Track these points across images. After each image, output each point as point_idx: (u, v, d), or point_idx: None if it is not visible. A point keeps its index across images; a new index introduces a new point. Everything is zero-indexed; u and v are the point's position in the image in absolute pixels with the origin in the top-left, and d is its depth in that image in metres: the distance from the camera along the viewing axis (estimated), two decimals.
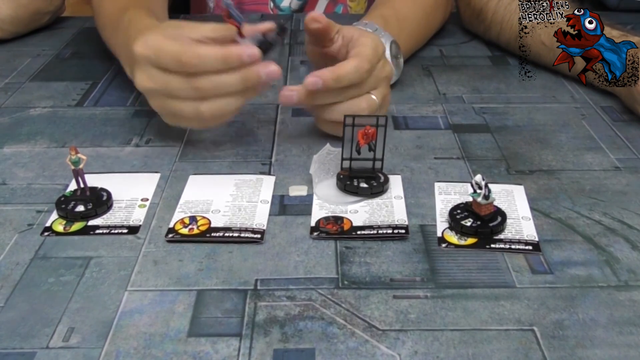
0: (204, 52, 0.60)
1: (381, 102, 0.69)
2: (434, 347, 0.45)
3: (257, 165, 0.68)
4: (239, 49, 0.61)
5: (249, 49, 0.61)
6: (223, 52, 0.61)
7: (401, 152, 0.70)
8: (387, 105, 0.72)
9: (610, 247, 0.55)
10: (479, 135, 0.74)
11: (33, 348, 0.46)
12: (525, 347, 0.45)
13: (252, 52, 0.61)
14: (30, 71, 0.91)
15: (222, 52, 0.61)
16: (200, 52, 0.60)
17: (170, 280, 0.52)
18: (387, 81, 0.71)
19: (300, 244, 0.56)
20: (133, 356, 0.45)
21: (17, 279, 0.52)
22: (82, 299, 0.50)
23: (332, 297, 0.50)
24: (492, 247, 0.55)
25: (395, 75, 0.81)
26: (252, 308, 0.49)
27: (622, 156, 0.69)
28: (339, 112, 0.65)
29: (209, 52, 0.60)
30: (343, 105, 0.66)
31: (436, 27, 0.98)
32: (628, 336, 0.47)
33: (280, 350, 0.45)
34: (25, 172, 0.67)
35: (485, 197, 0.56)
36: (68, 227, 0.58)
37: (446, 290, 0.51)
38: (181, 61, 0.60)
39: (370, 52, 0.67)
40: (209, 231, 0.57)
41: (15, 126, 0.76)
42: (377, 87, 0.69)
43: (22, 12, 1.00)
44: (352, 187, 0.61)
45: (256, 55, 0.61)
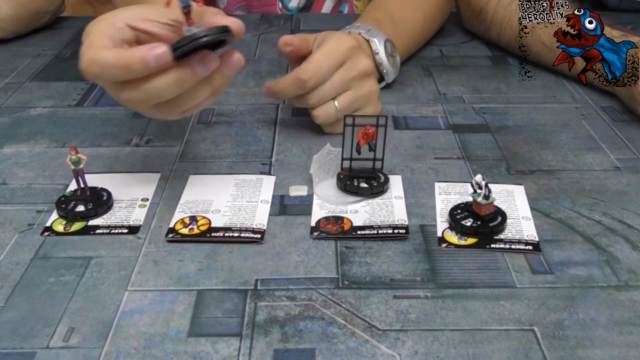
0: (103, 58, 0.51)
1: (357, 99, 0.70)
2: (434, 347, 0.45)
3: (257, 165, 0.68)
4: (142, 51, 0.50)
5: (155, 49, 0.49)
6: (124, 59, 0.50)
7: (401, 152, 0.70)
8: (374, 100, 0.72)
9: (610, 247, 0.55)
10: (479, 135, 0.74)
11: (33, 348, 0.46)
12: (525, 347, 0.45)
13: (158, 53, 0.49)
14: (30, 71, 0.91)
15: (123, 58, 0.50)
16: (99, 57, 0.51)
17: (171, 280, 0.52)
18: (363, 76, 0.71)
19: (301, 244, 0.56)
20: (133, 356, 0.45)
21: (17, 279, 0.52)
22: (82, 299, 0.50)
23: (332, 297, 0.50)
24: (492, 247, 0.55)
25: (393, 73, 0.82)
26: (252, 308, 0.49)
27: (622, 156, 0.69)
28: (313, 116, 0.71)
29: (108, 58, 0.50)
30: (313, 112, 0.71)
31: (436, 28, 0.98)
32: (628, 336, 0.47)
33: (280, 350, 0.45)
34: (26, 172, 0.67)
35: (486, 197, 0.56)
36: (68, 227, 0.58)
37: (446, 290, 0.51)
38: (86, 71, 0.52)
39: (321, 57, 0.69)
40: (209, 231, 0.57)
41: (15, 126, 0.76)
42: (350, 87, 0.70)
43: (22, 11, 1.00)
44: (352, 187, 0.61)
45: (165, 57, 0.49)
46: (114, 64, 0.50)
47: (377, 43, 0.78)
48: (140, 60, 0.49)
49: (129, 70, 0.50)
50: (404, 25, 0.87)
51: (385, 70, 0.80)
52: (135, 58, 0.49)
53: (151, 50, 0.49)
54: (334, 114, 0.70)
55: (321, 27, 1.02)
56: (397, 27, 0.84)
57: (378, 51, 0.78)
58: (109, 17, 0.54)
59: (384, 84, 0.82)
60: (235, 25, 0.52)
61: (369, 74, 0.72)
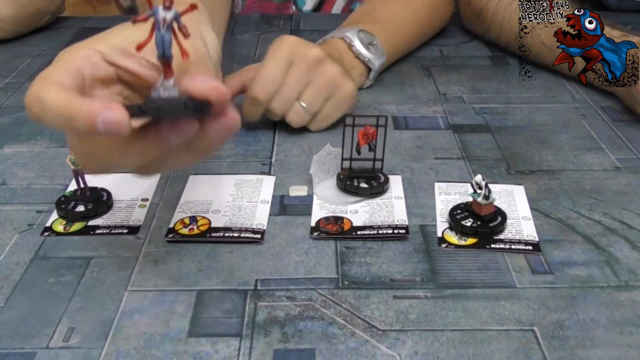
0: (47, 98, 0.37)
1: (321, 89, 0.70)
2: (434, 347, 0.45)
3: (257, 165, 0.68)
4: (92, 107, 0.36)
5: (107, 111, 0.36)
6: (69, 109, 0.37)
7: (401, 152, 0.70)
8: (341, 81, 0.71)
9: (610, 247, 0.55)
10: (479, 136, 0.74)
11: (33, 348, 0.46)
12: (525, 348, 0.45)
13: (109, 118, 0.36)
14: (31, 71, 0.91)
15: (68, 107, 0.37)
16: (42, 95, 0.38)
17: (171, 281, 0.52)
18: (317, 64, 0.70)
19: (301, 244, 0.56)
20: (133, 356, 0.45)
21: (17, 279, 0.52)
22: (82, 299, 0.50)
23: (332, 297, 0.50)
24: (492, 247, 0.55)
25: (376, 59, 0.81)
26: (252, 308, 0.49)
27: (622, 156, 0.69)
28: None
29: (52, 101, 0.37)
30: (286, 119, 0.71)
31: (433, 26, 0.97)
32: (628, 336, 0.47)
33: (280, 350, 0.45)
34: (25, 172, 0.67)
35: (486, 197, 0.56)
36: (68, 227, 0.58)
37: (446, 291, 0.51)
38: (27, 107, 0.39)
39: (264, 67, 0.68)
40: (209, 231, 0.57)
41: (15, 126, 0.76)
42: (310, 80, 0.69)
43: (22, 11, 1.00)
44: (352, 187, 0.61)
45: (119, 126, 0.36)
46: (56, 110, 0.37)
47: (349, 36, 0.79)
48: (85, 117, 0.36)
49: (72, 126, 0.37)
50: (390, 24, 0.87)
51: (367, 59, 0.80)
52: (81, 112, 0.36)
53: (103, 110, 0.36)
54: (303, 113, 0.70)
55: (321, 27, 1.02)
56: (382, 25, 0.84)
57: (353, 43, 0.79)
58: (86, 46, 0.42)
59: (374, 74, 0.82)
60: (218, 96, 0.39)
61: (321, 59, 0.70)
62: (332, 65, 0.71)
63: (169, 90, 0.39)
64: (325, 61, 0.71)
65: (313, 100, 0.70)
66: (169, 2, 0.38)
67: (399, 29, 0.88)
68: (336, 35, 0.80)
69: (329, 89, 0.70)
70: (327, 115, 0.72)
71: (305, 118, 0.71)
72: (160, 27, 0.38)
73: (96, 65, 0.42)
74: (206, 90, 0.38)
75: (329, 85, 0.70)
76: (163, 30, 0.38)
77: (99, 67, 0.42)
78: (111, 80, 0.43)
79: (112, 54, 0.42)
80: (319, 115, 0.72)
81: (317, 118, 0.72)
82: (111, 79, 0.43)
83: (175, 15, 0.38)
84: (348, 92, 0.72)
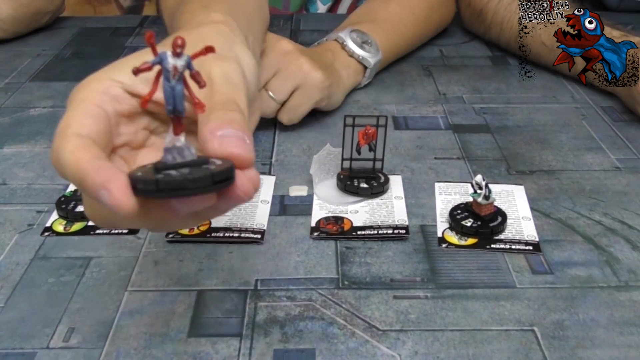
0: (64, 159, 0.34)
1: (287, 78, 0.69)
2: (434, 348, 0.45)
3: (257, 165, 0.67)
4: (100, 175, 0.32)
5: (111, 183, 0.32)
6: (80, 172, 0.33)
7: (401, 152, 0.70)
8: (308, 70, 0.70)
9: (610, 248, 0.55)
10: (479, 136, 0.74)
11: (33, 348, 0.46)
12: (525, 348, 0.45)
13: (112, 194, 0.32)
14: (30, 71, 0.91)
15: (79, 170, 0.33)
16: (59, 154, 0.35)
17: (171, 281, 0.52)
18: (283, 56, 0.70)
19: (301, 244, 0.56)
20: (133, 356, 0.45)
21: (17, 279, 0.52)
22: (83, 299, 0.50)
23: (332, 297, 0.50)
24: (492, 248, 0.55)
25: (372, 57, 0.81)
26: (252, 308, 0.49)
27: (622, 156, 0.69)
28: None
29: (68, 162, 0.34)
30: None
31: (432, 27, 0.97)
32: (628, 336, 0.47)
33: (280, 350, 0.45)
34: (26, 172, 0.67)
35: (486, 198, 0.56)
36: (68, 227, 0.58)
37: (446, 291, 0.51)
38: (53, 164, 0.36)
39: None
40: (209, 231, 0.57)
41: (15, 126, 0.76)
42: (277, 70, 0.69)
43: (22, 12, 1.00)
44: (353, 187, 0.61)
45: (122, 207, 0.32)
46: (71, 172, 0.34)
47: (342, 37, 0.80)
48: (92, 183, 0.32)
49: (83, 189, 0.34)
50: (388, 24, 0.87)
51: (361, 57, 0.80)
52: (88, 176, 0.33)
53: (107, 182, 0.32)
54: (271, 101, 0.70)
55: (321, 27, 1.02)
56: (379, 26, 0.85)
57: (345, 42, 0.79)
58: (102, 78, 0.38)
59: (370, 72, 0.82)
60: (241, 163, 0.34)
61: (289, 51, 0.71)
62: (300, 56, 0.71)
63: (182, 152, 0.33)
64: (294, 53, 0.71)
65: (278, 88, 0.70)
66: (180, 48, 0.32)
67: (396, 29, 0.88)
68: (329, 37, 0.81)
69: (296, 79, 0.70)
70: (296, 106, 0.72)
71: (272, 106, 0.71)
72: (170, 77, 0.33)
73: (117, 98, 0.37)
74: (229, 154, 0.33)
75: (295, 74, 0.70)
76: (173, 81, 0.33)
77: (120, 101, 0.37)
78: (136, 113, 0.38)
79: (133, 84, 0.37)
80: (287, 105, 0.72)
81: (286, 108, 0.72)
82: (136, 112, 0.38)
83: (188, 61, 0.33)
84: (316, 82, 0.71)
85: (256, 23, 0.62)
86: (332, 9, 1.15)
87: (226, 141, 0.34)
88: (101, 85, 0.37)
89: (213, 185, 0.32)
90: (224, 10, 0.50)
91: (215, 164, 0.33)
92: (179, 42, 0.32)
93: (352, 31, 0.81)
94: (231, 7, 0.52)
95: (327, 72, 0.73)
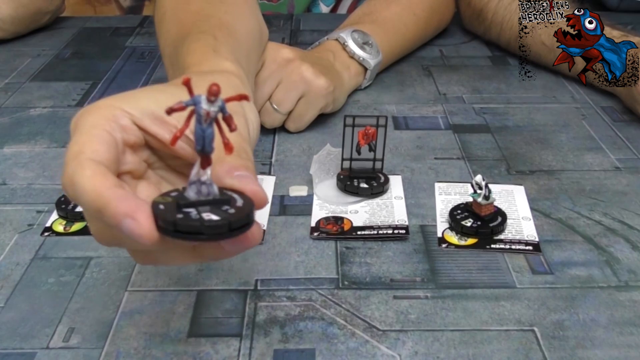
0: (81, 184, 0.34)
1: (290, 87, 0.69)
2: (434, 348, 0.45)
3: (257, 165, 0.67)
4: (120, 207, 0.33)
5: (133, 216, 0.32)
6: (100, 200, 0.33)
7: (401, 153, 0.70)
8: (311, 78, 0.70)
9: (610, 248, 0.55)
10: (479, 136, 0.74)
11: (33, 348, 0.46)
12: (525, 348, 0.45)
13: (134, 228, 0.32)
14: (30, 71, 0.91)
15: (99, 198, 0.33)
16: (76, 180, 0.34)
17: (171, 281, 0.52)
18: (285, 65, 0.69)
19: (301, 244, 0.56)
20: (133, 356, 0.45)
21: (17, 279, 0.52)
22: (82, 299, 0.50)
23: (332, 297, 0.50)
24: (492, 248, 0.55)
25: (372, 58, 0.81)
26: (252, 308, 0.49)
27: (622, 156, 0.69)
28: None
29: (86, 188, 0.34)
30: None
31: (433, 27, 0.97)
32: (628, 336, 0.47)
33: (280, 350, 0.45)
34: (26, 172, 0.67)
35: (486, 198, 0.56)
36: (68, 227, 0.58)
37: (446, 291, 0.51)
38: (64, 188, 0.36)
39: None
40: None
41: (15, 126, 0.76)
42: (280, 80, 0.69)
43: (22, 12, 1.00)
44: (352, 188, 0.61)
45: (146, 239, 0.32)
46: (89, 200, 0.34)
47: (343, 37, 0.79)
48: (114, 212, 0.33)
49: (103, 220, 0.34)
50: (388, 24, 0.87)
51: (362, 58, 0.80)
52: (110, 204, 0.33)
53: (133, 212, 0.32)
54: (274, 113, 0.70)
55: (321, 27, 1.02)
56: (379, 26, 0.85)
57: (346, 43, 0.79)
58: (113, 105, 0.38)
59: (371, 73, 0.82)
60: (260, 194, 0.35)
61: (291, 59, 0.70)
62: (301, 63, 0.70)
63: (206, 186, 0.34)
64: (295, 61, 0.70)
65: (282, 99, 0.70)
66: (214, 96, 0.33)
67: (396, 29, 0.88)
68: (330, 37, 0.81)
69: (300, 88, 0.70)
70: (302, 114, 0.72)
71: (277, 118, 0.71)
72: (202, 121, 0.33)
73: (125, 128, 0.37)
74: (250, 190, 0.35)
75: (298, 83, 0.70)
76: (205, 124, 0.33)
77: (128, 131, 0.37)
78: (139, 146, 0.39)
79: (142, 118, 0.38)
80: (293, 115, 0.72)
81: (292, 117, 0.72)
82: (140, 144, 0.38)
83: (222, 106, 0.33)
84: (320, 89, 0.71)
85: (255, 53, 0.65)
86: (333, 10, 1.15)
87: (244, 180, 0.35)
88: (110, 113, 0.37)
89: (229, 233, 0.33)
90: (232, 57, 0.51)
91: (235, 204, 0.34)
92: (214, 90, 0.33)
93: (353, 31, 0.80)
94: (235, 45, 0.54)
95: (330, 76, 0.73)
